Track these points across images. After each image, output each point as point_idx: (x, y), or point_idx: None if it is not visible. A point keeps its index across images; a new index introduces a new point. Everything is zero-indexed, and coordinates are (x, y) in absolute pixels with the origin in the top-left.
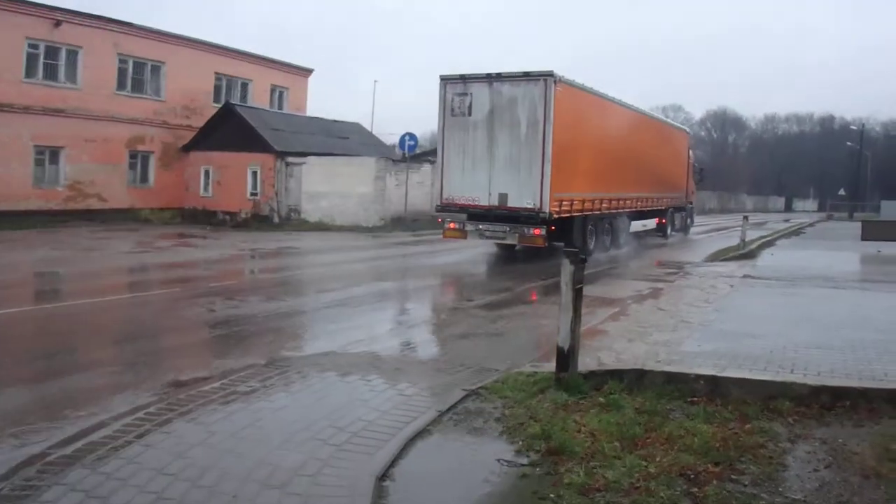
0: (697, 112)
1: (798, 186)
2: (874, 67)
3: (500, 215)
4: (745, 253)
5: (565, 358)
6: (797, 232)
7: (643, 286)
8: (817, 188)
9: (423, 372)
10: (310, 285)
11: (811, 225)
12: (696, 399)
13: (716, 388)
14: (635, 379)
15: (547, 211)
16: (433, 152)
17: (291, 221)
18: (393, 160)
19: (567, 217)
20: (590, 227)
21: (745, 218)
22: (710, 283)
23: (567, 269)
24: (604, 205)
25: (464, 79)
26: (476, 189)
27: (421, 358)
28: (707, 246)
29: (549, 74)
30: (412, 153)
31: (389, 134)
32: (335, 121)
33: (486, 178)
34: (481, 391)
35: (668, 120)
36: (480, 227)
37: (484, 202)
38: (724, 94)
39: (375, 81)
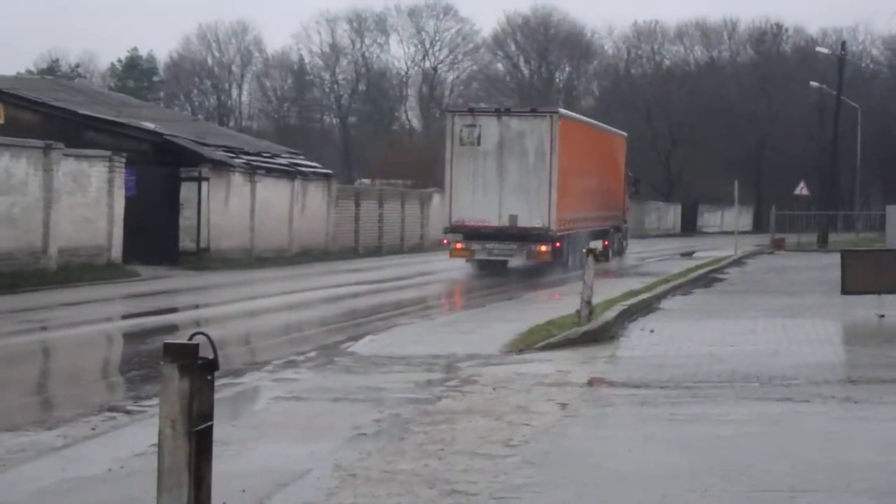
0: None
1: (709, 183)
2: None
3: (510, 234)
4: (593, 330)
5: None
6: (708, 281)
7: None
8: (750, 185)
9: None
10: None
11: (738, 263)
12: None
13: None
14: None
15: (554, 229)
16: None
17: None
18: None
19: (564, 235)
20: (568, 246)
21: (591, 255)
22: (520, 399)
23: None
24: (579, 224)
25: (472, 111)
26: (486, 212)
27: None
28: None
29: (555, 111)
30: None
31: None
32: None
33: (496, 201)
34: None
35: (605, 126)
36: (488, 245)
37: (494, 223)
38: None
39: None
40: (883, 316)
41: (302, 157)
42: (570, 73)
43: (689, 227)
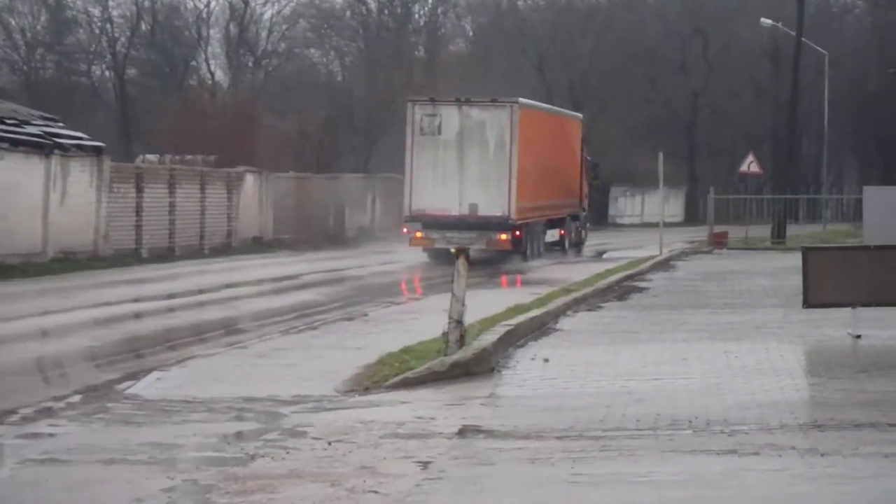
0: None
1: (625, 157)
2: None
3: (470, 223)
4: (465, 360)
5: None
6: (623, 292)
7: None
8: (680, 160)
9: None
10: None
11: (664, 266)
12: None
13: None
14: None
15: (514, 217)
16: None
17: None
18: None
19: (524, 223)
20: (527, 234)
21: (462, 256)
22: (365, 457)
23: None
24: (538, 213)
25: (433, 101)
26: (446, 200)
27: None
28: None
29: (515, 101)
30: None
31: None
32: None
33: (456, 190)
34: None
35: (562, 110)
36: (448, 234)
37: (455, 212)
38: None
39: None
40: (859, 337)
41: (61, 124)
42: (434, 6)
43: (597, 217)
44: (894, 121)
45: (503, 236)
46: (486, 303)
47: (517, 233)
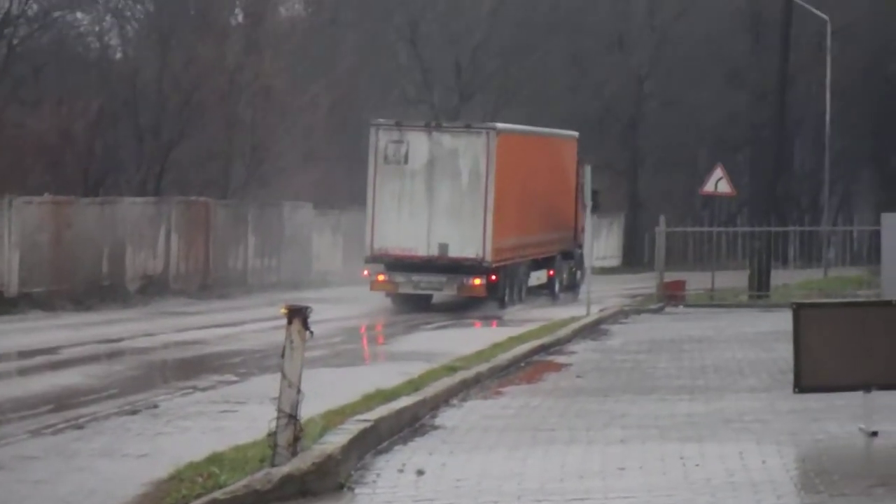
0: None
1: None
2: None
3: (439, 266)
4: (301, 473)
5: None
6: (535, 370)
7: None
8: (617, 175)
9: None
10: None
11: (593, 332)
12: None
13: None
14: None
15: (490, 260)
16: None
17: None
18: None
19: (501, 266)
20: (505, 278)
21: (298, 318)
22: None
23: None
24: (519, 253)
25: (399, 126)
26: (413, 239)
27: None
28: None
29: (493, 127)
30: None
31: None
32: None
33: (424, 228)
34: None
35: (552, 130)
36: (414, 278)
37: (422, 252)
38: None
39: None
40: (875, 434)
41: None
42: None
43: None
44: None
45: (477, 281)
46: (334, 385)
47: (493, 277)
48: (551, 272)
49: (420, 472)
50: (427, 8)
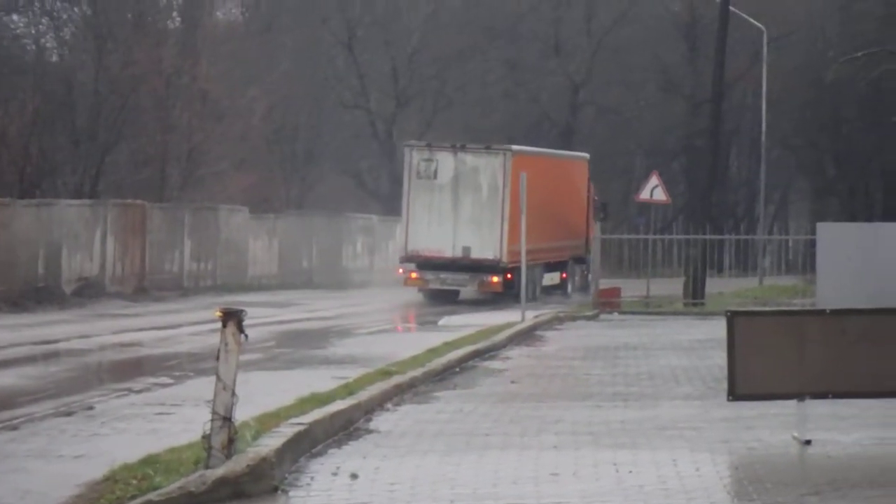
0: None
1: None
2: None
3: (462, 265)
4: (235, 475)
5: None
6: (470, 376)
7: None
8: None
9: None
10: None
11: (528, 337)
12: None
13: None
14: None
15: (506, 261)
16: None
17: None
18: None
19: (516, 266)
20: (519, 277)
21: (233, 322)
22: None
23: None
24: (532, 256)
25: (429, 147)
26: (440, 242)
27: None
28: None
29: (509, 149)
30: None
31: None
32: None
33: (450, 233)
34: None
35: (564, 152)
36: (441, 275)
37: (448, 254)
38: None
39: None
40: (808, 442)
41: None
42: None
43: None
44: (862, 127)
45: (495, 279)
46: (270, 388)
47: (509, 275)
48: (564, 274)
49: (354, 476)
50: (364, 13)
